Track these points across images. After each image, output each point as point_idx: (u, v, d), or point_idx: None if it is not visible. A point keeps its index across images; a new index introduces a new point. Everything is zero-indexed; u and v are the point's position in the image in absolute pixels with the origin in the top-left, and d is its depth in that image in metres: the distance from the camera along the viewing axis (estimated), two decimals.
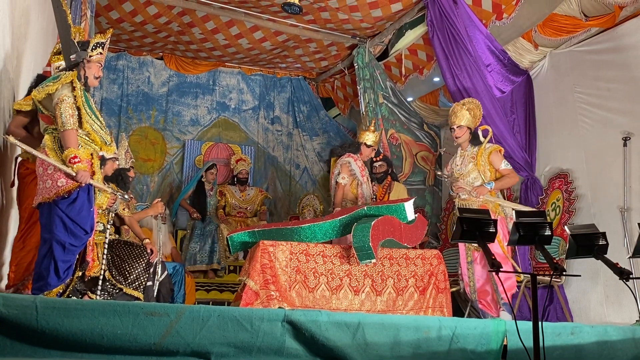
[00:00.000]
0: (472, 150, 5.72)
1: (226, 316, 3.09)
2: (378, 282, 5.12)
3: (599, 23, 5.81)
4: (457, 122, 5.77)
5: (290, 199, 9.87)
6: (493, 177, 5.64)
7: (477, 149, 5.67)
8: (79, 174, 3.92)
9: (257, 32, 8.49)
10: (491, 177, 5.63)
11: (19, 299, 2.84)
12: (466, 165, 5.70)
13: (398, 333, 3.48)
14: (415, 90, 8.45)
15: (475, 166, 5.63)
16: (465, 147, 5.80)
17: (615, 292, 5.57)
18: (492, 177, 5.64)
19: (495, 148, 5.67)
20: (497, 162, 5.63)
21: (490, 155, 5.62)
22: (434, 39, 6.99)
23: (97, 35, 4.31)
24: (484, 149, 5.65)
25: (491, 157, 5.63)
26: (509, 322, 3.74)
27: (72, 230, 3.92)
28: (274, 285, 4.76)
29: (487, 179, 5.61)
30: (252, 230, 5.27)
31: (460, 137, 5.78)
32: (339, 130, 10.38)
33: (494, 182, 5.56)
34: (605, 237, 3.53)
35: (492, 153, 5.64)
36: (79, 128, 4.04)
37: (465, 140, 5.78)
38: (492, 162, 5.63)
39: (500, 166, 5.62)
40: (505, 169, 5.63)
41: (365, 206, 5.33)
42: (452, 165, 5.87)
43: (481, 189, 5.53)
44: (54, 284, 3.90)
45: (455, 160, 5.86)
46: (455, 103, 5.98)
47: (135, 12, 7.89)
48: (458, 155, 5.85)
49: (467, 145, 5.78)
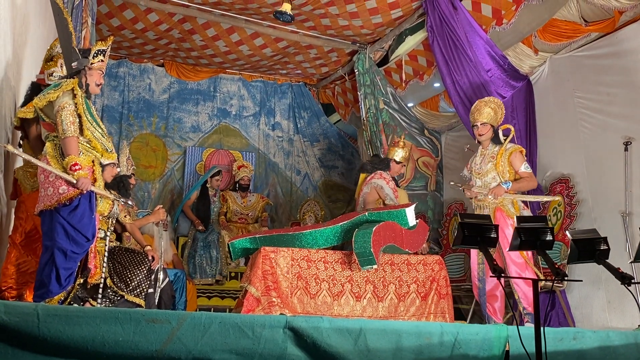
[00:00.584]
0: (493, 150, 5.64)
1: (228, 323, 3.09)
2: (380, 288, 5.12)
3: (599, 28, 5.82)
4: (481, 119, 5.66)
5: (291, 205, 9.87)
6: (512, 179, 5.54)
7: (497, 149, 5.61)
8: (79, 181, 3.93)
9: (258, 39, 8.52)
10: (509, 179, 5.53)
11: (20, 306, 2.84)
12: (485, 164, 5.63)
13: (400, 339, 3.47)
14: (415, 95, 8.45)
15: (494, 166, 5.58)
16: (486, 145, 5.71)
17: (617, 297, 5.56)
18: (511, 178, 5.54)
19: (516, 149, 5.59)
20: (517, 164, 5.53)
21: (510, 156, 5.53)
22: (434, 44, 7.01)
23: (99, 43, 4.32)
24: (505, 149, 5.60)
25: (511, 157, 5.53)
26: (511, 327, 3.73)
27: (73, 237, 3.93)
28: (276, 291, 4.75)
29: (505, 180, 5.57)
30: (253, 236, 5.27)
31: (483, 134, 5.68)
32: (339, 136, 10.40)
33: (512, 183, 5.51)
34: (607, 242, 3.53)
35: (512, 153, 5.55)
36: (80, 135, 4.05)
37: (488, 138, 5.69)
38: (512, 163, 5.53)
39: (520, 168, 5.52)
40: (525, 171, 5.52)
41: (366, 212, 5.33)
42: (472, 164, 5.80)
43: (498, 190, 5.46)
44: (56, 291, 3.90)
45: (475, 159, 5.80)
46: (478, 100, 5.90)
47: (136, 20, 7.91)
48: (478, 153, 5.77)
49: (489, 143, 5.70)
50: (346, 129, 10.43)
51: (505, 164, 5.55)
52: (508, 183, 5.45)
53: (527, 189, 5.67)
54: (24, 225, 4.39)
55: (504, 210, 5.42)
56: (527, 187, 5.62)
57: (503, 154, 5.57)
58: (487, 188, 5.55)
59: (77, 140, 4.00)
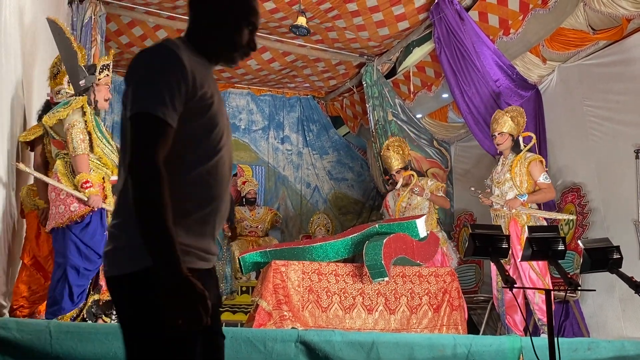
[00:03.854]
0: (512, 158, 5.68)
1: (239, 337, 3.09)
2: (391, 300, 5.09)
3: (607, 36, 5.80)
4: (499, 129, 5.69)
5: (302, 218, 9.86)
6: (531, 189, 5.52)
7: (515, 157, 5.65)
8: (91, 199, 3.95)
9: (266, 53, 8.56)
10: (528, 189, 5.51)
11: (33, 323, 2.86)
12: (504, 173, 5.64)
13: (412, 352, 3.46)
14: (424, 107, 8.45)
15: (511, 175, 5.59)
16: (507, 154, 5.74)
17: (631, 306, 5.50)
18: (530, 188, 5.52)
19: (535, 158, 5.58)
20: (535, 174, 5.51)
21: (529, 165, 5.52)
22: (441, 55, 7.01)
23: (103, 58, 4.34)
24: (523, 158, 5.57)
25: (530, 167, 5.52)
26: (525, 338, 3.71)
27: (86, 254, 3.94)
28: (287, 305, 4.74)
29: (522, 190, 5.50)
30: (263, 250, 5.28)
31: (501, 144, 5.70)
32: (349, 148, 10.39)
33: (528, 195, 5.48)
34: (620, 251, 3.50)
35: (531, 163, 5.53)
36: (90, 152, 4.07)
37: (507, 147, 5.71)
38: (531, 172, 5.51)
39: (538, 178, 5.50)
40: (543, 182, 5.50)
41: (376, 224, 5.32)
42: (494, 172, 5.84)
43: (513, 202, 5.45)
44: (68, 308, 3.91)
45: (496, 167, 5.83)
46: (497, 110, 5.94)
47: (145, 37, 7.98)
48: (500, 162, 5.81)
49: (509, 152, 5.72)
50: (355, 141, 10.44)
51: (523, 173, 5.53)
52: (524, 195, 5.43)
53: (545, 200, 5.65)
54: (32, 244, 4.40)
55: (519, 221, 5.41)
56: (544, 198, 5.58)
57: (520, 162, 5.55)
58: (503, 198, 5.54)
59: (87, 157, 4.02)
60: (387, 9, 7.09)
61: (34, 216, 4.40)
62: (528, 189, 5.53)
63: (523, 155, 5.59)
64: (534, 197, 5.47)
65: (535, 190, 5.53)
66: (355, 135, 10.20)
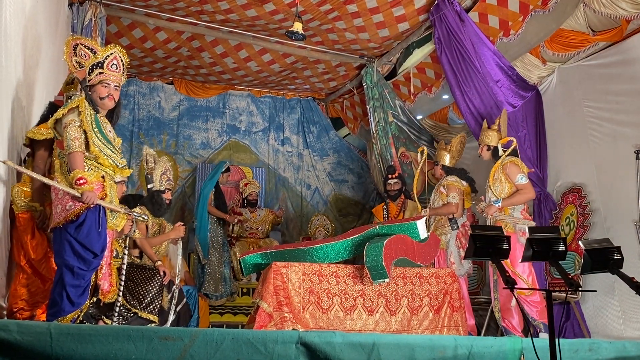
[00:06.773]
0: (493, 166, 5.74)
1: (240, 339, 3.09)
2: (392, 301, 5.09)
3: (607, 37, 5.81)
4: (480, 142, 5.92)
5: (302, 219, 9.87)
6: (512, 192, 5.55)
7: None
8: (84, 195, 3.88)
9: (266, 55, 8.57)
10: (509, 193, 5.53)
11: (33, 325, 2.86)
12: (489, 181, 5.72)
13: (413, 353, 3.45)
14: (424, 108, 8.46)
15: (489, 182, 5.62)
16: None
17: (632, 307, 5.50)
18: (511, 191, 5.55)
19: (510, 161, 5.60)
20: (512, 176, 5.53)
21: (505, 169, 5.56)
22: (441, 56, 7.02)
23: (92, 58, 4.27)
24: (500, 163, 5.61)
25: (507, 170, 5.55)
26: (526, 339, 3.70)
27: (80, 254, 3.88)
28: (287, 306, 4.73)
29: (504, 194, 5.53)
30: (264, 251, 5.27)
31: (480, 154, 5.94)
32: (349, 150, 10.40)
33: (502, 200, 5.50)
34: (620, 252, 3.50)
35: (505, 166, 5.56)
36: (86, 151, 4.04)
37: (487, 157, 5.87)
38: (508, 175, 5.53)
39: (515, 180, 5.51)
40: (520, 183, 5.50)
41: (377, 225, 5.32)
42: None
43: (488, 209, 5.50)
44: (68, 309, 3.87)
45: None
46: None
47: (145, 39, 7.99)
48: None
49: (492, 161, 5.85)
50: (355, 142, 10.44)
51: (502, 178, 5.55)
52: (498, 201, 5.46)
53: (522, 201, 5.57)
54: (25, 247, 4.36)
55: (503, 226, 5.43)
56: (521, 200, 5.53)
57: (498, 168, 5.59)
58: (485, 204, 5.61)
59: (81, 155, 3.98)
60: (387, 10, 7.10)
61: (29, 218, 4.36)
62: (509, 193, 5.54)
63: (501, 161, 5.62)
64: (509, 200, 5.48)
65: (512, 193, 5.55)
66: (356, 136, 10.22)
